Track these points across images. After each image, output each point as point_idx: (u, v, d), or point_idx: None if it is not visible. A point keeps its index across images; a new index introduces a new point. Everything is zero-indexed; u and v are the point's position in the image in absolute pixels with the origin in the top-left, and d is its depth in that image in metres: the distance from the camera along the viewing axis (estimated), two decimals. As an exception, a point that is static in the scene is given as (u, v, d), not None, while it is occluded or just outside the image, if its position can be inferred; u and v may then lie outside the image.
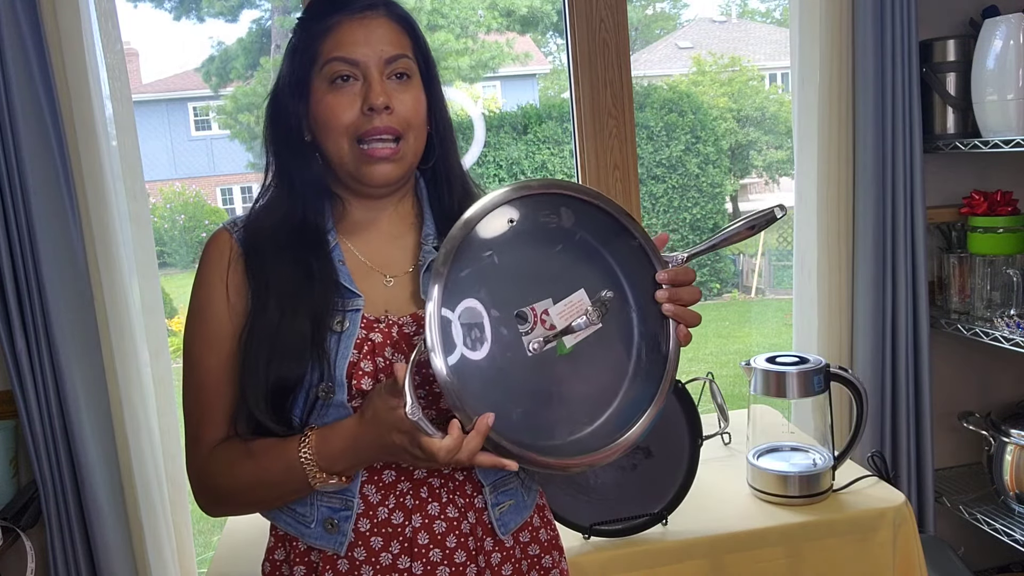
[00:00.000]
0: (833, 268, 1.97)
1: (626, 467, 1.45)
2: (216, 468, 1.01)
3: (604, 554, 1.40)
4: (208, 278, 1.02)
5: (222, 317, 1.01)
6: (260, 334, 0.98)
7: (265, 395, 0.97)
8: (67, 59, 1.59)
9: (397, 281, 1.05)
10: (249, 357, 0.98)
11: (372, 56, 0.98)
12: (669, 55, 9.89)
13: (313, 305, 0.99)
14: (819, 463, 1.55)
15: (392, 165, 1.00)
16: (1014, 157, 2.04)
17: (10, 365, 1.62)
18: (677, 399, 1.47)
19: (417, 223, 1.10)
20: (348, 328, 0.99)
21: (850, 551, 1.46)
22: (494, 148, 6.61)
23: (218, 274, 1.02)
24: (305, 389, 0.98)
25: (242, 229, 1.04)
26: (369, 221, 1.08)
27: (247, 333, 0.99)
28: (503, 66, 8.09)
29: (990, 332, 1.90)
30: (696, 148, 7.37)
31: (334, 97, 0.99)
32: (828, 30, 1.88)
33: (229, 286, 1.01)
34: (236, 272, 1.02)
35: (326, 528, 1.00)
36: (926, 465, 2.01)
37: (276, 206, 1.05)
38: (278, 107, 1.04)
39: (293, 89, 1.02)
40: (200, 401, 1.02)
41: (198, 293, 1.03)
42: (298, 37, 1.03)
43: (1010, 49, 1.83)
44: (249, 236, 1.03)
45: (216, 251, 1.03)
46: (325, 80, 0.99)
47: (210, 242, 1.05)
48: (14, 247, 1.58)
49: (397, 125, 0.99)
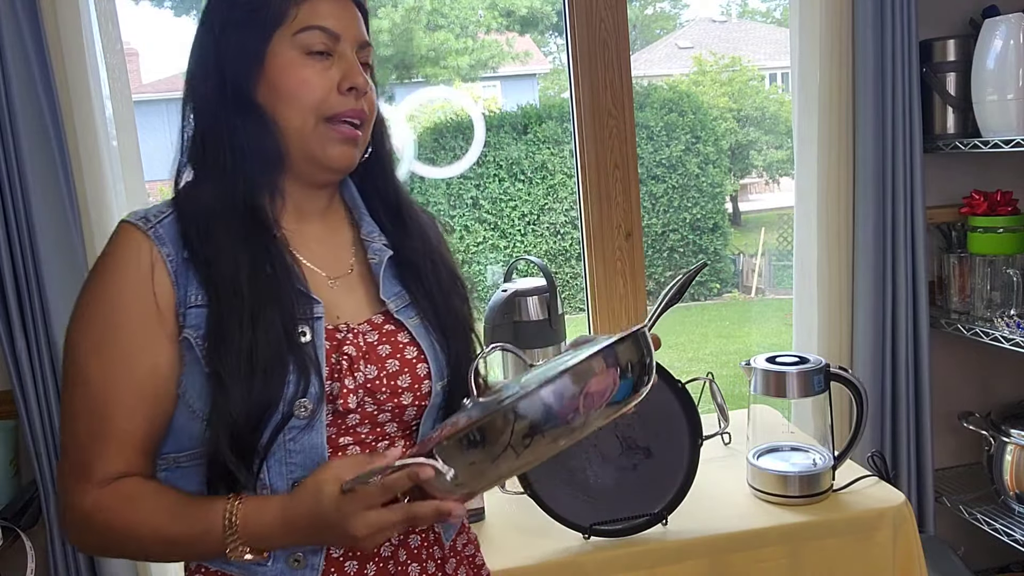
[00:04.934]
0: (833, 268, 1.97)
1: (626, 467, 1.45)
2: (110, 508, 0.87)
3: (604, 554, 1.40)
4: (123, 282, 0.87)
5: (143, 329, 0.87)
6: (230, 347, 0.85)
7: (239, 421, 0.84)
8: (67, 59, 1.59)
9: (340, 283, 0.97)
10: (223, 376, 0.84)
11: (350, 36, 0.93)
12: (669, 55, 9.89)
13: (281, 310, 0.88)
14: (819, 463, 1.55)
15: (355, 149, 0.95)
16: (1014, 157, 2.04)
17: (10, 365, 1.62)
18: (677, 399, 1.47)
19: (349, 219, 1.03)
20: (312, 339, 0.89)
21: (850, 551, 1.46)
22: (494, 148, 6.61)
23: (137, 278, 0.87)
24: (279, 410, 0.86)
25: (161, 224, 0.89)
26: (308, 214, 0.98)
27: (210, 349, 0.86)
28: (503, 66, 8.09)
29: (990, 332, 1.90)
30: (696, 148, 7.38)
31: (309, 70, 0.90)
32: (828, 30, 1.88)
33: (157, 293, 0.87)
34: (161, 276, 0.87)
35: (289, 564, 0.90)
36: (926, 465, 2.01)
37: (210, 187, 0.91)
38: (222, 56, 0.91)
39: (245, 43, 0.90)
40: (96, 427, 0.87)
41: (105, 298, 0.87)
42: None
43: (1010, 49, 1.83)
44: (182, 230, 0.89)
45: (130, 251, 0.88)
46: (298, 48, 0.90)
47: (118, 241, 0.89)
48: (14, 247, 1.58)
49: (367, 110, 0.95)
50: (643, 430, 1.46)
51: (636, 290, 2.03)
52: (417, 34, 7.58)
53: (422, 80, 7.81)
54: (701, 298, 7.59)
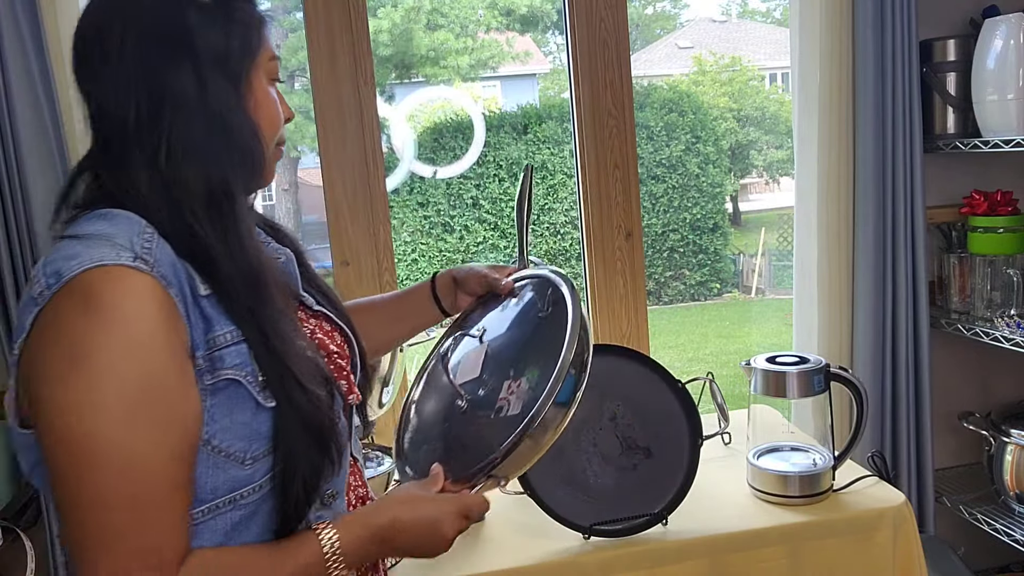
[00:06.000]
0: (833, 268, 1.97)
1: (626, 467, 1.45)
2: None
3: (604, 554, 1.40)
4: (145, 334, 0.75)
5: (180, 383, 0.78)
6: (288, 371, 0.82)
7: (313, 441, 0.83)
8: (67, 59, 1.59)
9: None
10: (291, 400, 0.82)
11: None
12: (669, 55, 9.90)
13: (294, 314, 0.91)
14: (819, 463, 1.55)
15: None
16: (1014, 157, 2.04)
17: (10, 365, 1.62)
18: (677, 399, 1.47)
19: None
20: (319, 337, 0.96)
21: (850, 551, 1.46)
22: (494, 148, 6.62)
23: (164, 333, 0.76)
24: (339, 416, 0.90)
25: (158, 262, 0.78)
26: None
27: (271, 381, 0.82)
28: (503, 65, 8.10)
29: (990, 332, 1.90)
30: (696, 148, 7.39)
31: (274, 98, 0.92)
32: (828, 30, 1.88)
33: (180, 341, 0.78)
34: (178, 321, 0.79)
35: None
36: (926, 465, 2.01)
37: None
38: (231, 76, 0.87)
39: (233, 67, 0.87)
40: (146, 509, 0.75)
41: (130, 357, 0.74)
42: (235, 8, 0.87)
43: (1010, 49, 1.83)
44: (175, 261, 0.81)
45: (151, 303, 0.76)
46: (266, 76, 0.90)
47: (129, 294, 0.75)
48: (14, 247, 1.58)
49: None
50: (643, 430, 1.46)
51: (636, 290, 2.03)
52: (417, 34, 7.58)
53: (422, 80, 7.82)
54: (701, 298, 7.60)
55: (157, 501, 0.75)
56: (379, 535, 0.88)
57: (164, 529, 0.76)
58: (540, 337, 1.08)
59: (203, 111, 0.83)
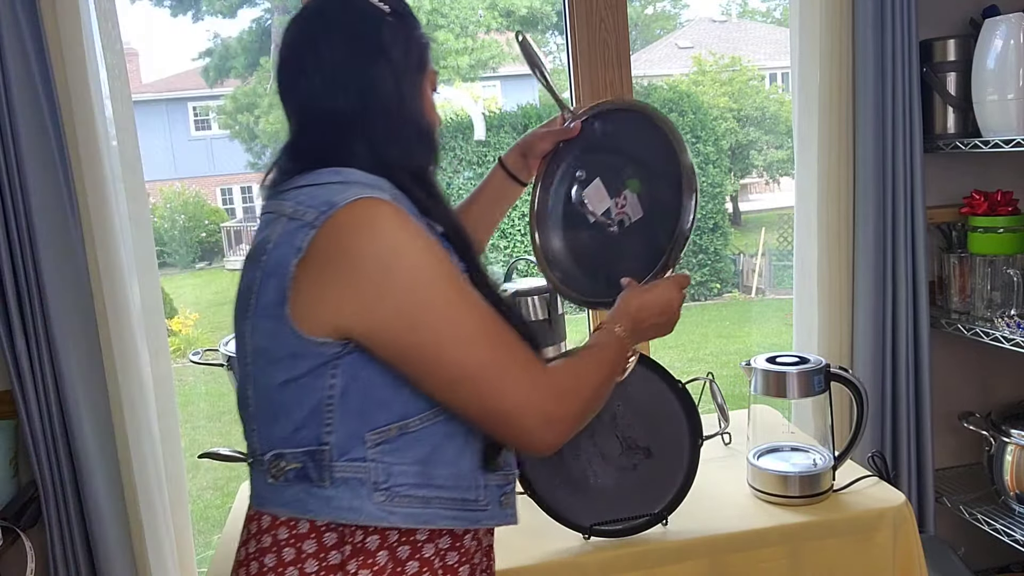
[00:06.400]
0: (833, 268, 1.97)
1: (626, 467, 1.45)
2: (568, 382, 1.01)
3: (604, 554, 1.40)
4: (420, 231, 0.94)
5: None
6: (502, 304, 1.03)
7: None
8: (67, 59, 1.59)
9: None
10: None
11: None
12: (669, 55, 9.89)
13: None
14: (819, 463, 1.55)
15: None
16: (1014, 157, 2.04)
17: (10, 365, 1.62)
18: (677, 399, 1.47)
19: None
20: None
21: (850, 551, 1.46)
22: (494, 148, 6.61)
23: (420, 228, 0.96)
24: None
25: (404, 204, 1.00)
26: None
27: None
28: (503, 66, 8.09)
29: (990, 332, 1.90)
30: (696, 148, 7.37)
31: (434, 103, 1.11)
32: (828, 30, 1.88)
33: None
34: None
35: (502, 504, 1.05)
36: (926, 465, 2.01)
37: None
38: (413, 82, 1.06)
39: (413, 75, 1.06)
40: (508, 336, 0.97)
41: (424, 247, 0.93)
42: (413, 28, 1.07)
43: (1010, 49, 1.83)
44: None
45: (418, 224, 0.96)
46: (430, 86, 1.10)
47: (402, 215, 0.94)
48: (14, 247, 1.58)
49: None
50: (643, 430, 1.46)
51: (636, 290, 2.03)
52: (417, 34, 7.57)
53: (422, 80, 7.81)
54: (701, 298, 7.59)
55: (508, 332, 0.97)
56: (635, 319, 1.14)
57: (526, 350, 0.98)
58: (622, 153, 1.32)
59: (399, 103, 1.02)
